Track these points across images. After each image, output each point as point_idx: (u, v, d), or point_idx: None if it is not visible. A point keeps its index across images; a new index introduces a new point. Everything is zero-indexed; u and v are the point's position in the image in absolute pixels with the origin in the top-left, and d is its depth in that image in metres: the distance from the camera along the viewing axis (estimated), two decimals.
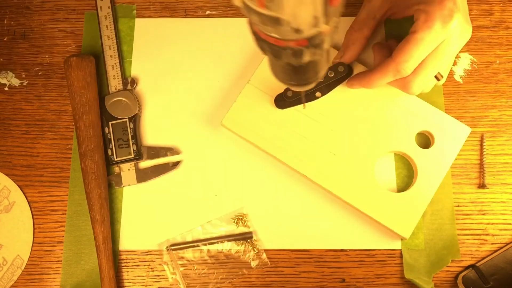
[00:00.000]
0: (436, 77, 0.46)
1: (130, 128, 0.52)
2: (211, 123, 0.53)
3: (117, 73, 0.53)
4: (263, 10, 0.27)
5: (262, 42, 0.31)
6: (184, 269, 0.49)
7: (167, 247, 0.49)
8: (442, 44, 0.43)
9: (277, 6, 0.26)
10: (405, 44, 0.43)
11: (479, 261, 0.49)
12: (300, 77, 0.36)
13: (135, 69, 0.55)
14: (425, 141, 0.51)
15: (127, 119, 0.52)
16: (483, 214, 0.50)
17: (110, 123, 0.52)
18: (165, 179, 0.52)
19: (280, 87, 0.50)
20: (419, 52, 0.43)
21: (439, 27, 0.42)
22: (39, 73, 0.55)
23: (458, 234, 0.49)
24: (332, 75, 0.50)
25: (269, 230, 0.50)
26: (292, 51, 0.30)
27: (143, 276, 0.49)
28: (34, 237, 0.50)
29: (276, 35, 0.29)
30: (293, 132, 0.50)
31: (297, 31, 0.28)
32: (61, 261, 0.50)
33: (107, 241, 0.48)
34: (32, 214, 0.51)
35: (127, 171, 0.51)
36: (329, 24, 0.28)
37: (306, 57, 0.31)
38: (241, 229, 0.50)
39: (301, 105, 0.50)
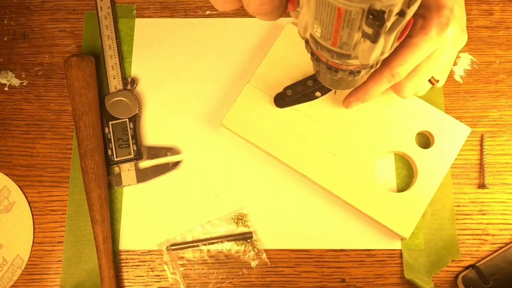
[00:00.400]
0: (430, 81, 0.46)
1: (130, 128, 0.52)
2: (211, 123, 0.53)
3: (117, 73, 0.53)
4: (336, 49, 0.28)
5: (321, 62, 0.32)
6: (184, 269, 0.49)
7: (167, 247, 0.49)
8: (435, 51, 0.43)
9: (351, 49, 0.27)
10: (400, 49, 0.43)
11: (479, 261, 0.49)
12: (347, 84, 0.37)
13: (135, 69, 0.55)
14: (425, 141, 0.51)
15: (127, 119, 0.52)
16: (483, 214, 0.50)
17: (110, 123, 0.52)
18: (165, 179, 0.52)
19: (280, 87, 0.50)
20: (414, 57, 0.42)
21: (435, 34, 0.41)
22: (39, 73, 0.55)
23: (458, 234, 0.49)
24: None
25: (269, 230, 0.50)
26: (349, 71, 0.31)
27: (143, 276, 0.49)
28: (34, 237, 0.51)
29: (339, 62, 0.30)
30: (293, 132, 0.50)
31: (364, 64, 0.29)
32: (61, 261, 0.50)
33: (107, 241, 0.48)
34: (32, 214, 0.51)
35: (127, 171, 0.51)
36: (390, 51, 0.29)
37: (361, 74, 0.32)
38: (241, 229, 0.50)
39: (300, 104, 0.50)
